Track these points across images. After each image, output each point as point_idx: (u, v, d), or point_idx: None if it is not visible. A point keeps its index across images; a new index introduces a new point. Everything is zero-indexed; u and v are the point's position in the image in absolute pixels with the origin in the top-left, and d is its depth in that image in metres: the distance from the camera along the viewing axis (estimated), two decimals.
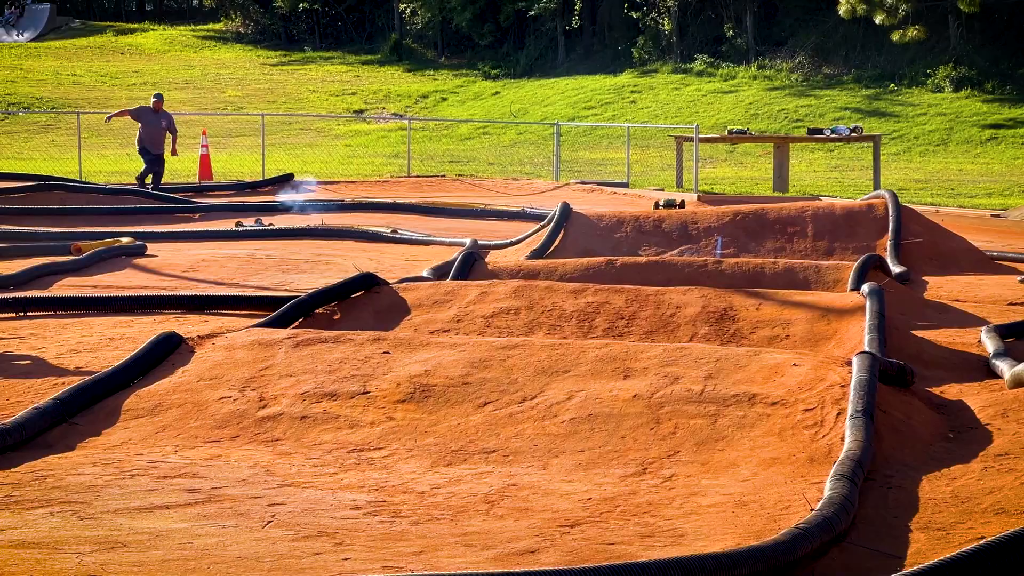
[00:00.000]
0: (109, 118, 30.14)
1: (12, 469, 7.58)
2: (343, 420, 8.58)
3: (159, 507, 6.77)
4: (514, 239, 19.33)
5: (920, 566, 5.44)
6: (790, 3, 56.01)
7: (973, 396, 9.36)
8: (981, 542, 5.51)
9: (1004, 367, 9.96)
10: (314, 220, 23.48)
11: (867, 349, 9.81)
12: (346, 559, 5.89)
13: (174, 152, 29.33)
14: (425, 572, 5.38)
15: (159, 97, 28.95)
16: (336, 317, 11.93)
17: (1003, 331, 11.46)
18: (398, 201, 27.63)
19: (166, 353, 9.69)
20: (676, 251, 17.68)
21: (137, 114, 28.78)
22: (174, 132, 28.85)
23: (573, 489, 7.29)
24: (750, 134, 36.07)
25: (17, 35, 73.08)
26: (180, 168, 35.42)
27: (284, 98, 55.95)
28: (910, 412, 8.63)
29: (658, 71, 55.09)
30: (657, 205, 15.55)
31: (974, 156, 40.87)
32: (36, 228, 21.61)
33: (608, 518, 6.74)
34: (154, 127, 28.33)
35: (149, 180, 28.90)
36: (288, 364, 9.41)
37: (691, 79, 53.31)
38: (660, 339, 11.22)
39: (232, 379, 9.21)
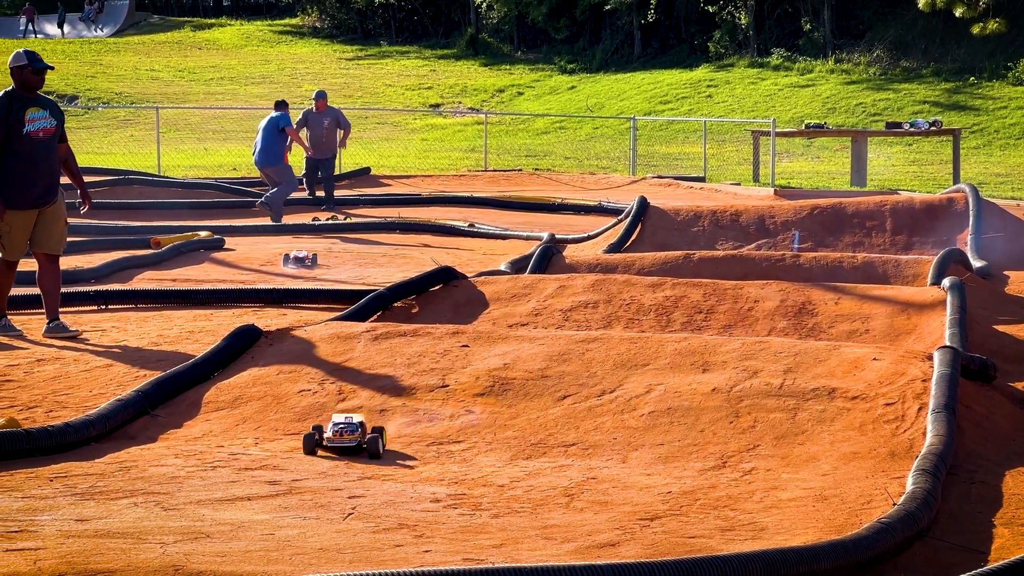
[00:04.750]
0: (307, 148, 25.17)
1: (96, 460, 7.65)
2: (422, 413, 8.60)
3: (241, 499, 6.81)
4: (591, 233, 19.32)
5: (1004, 561, 5.41)
6: None
7: None
8: None
9: None
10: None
11: (948, 344, 9.74)
12: (427, 551, 5.91)
13: (343, 144, 26.00)
14: (506, 564, 5.38)
15: (320, 95, 25.32)
16: (414, 311, 11.96)
17: None
18: (475, 195, 27.65)
19: (246, 346, 9.75)
20: (753, 245, 17.63)
21: (304, 121, 25.31)
22: (346, 126, 25.63)
23: (652, 482, 7.28)
24: (827, 128, 35.88)
25: (97, 31, 73.87)
26: None
27: (360, 92, 56.11)
28: (992, 407, 8.56)
29: (734, 65, 54.85)
30: None
31: None
32: (116, 222, 21.77)
33: (688, 511, 6.72)
34: (318, 128, 25.18)
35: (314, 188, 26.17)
36: (367, 357, 9.44)
37: (768, 73, 53.03)
38: (738, 333, 11.19)
39: (311, 372, 9.25)
